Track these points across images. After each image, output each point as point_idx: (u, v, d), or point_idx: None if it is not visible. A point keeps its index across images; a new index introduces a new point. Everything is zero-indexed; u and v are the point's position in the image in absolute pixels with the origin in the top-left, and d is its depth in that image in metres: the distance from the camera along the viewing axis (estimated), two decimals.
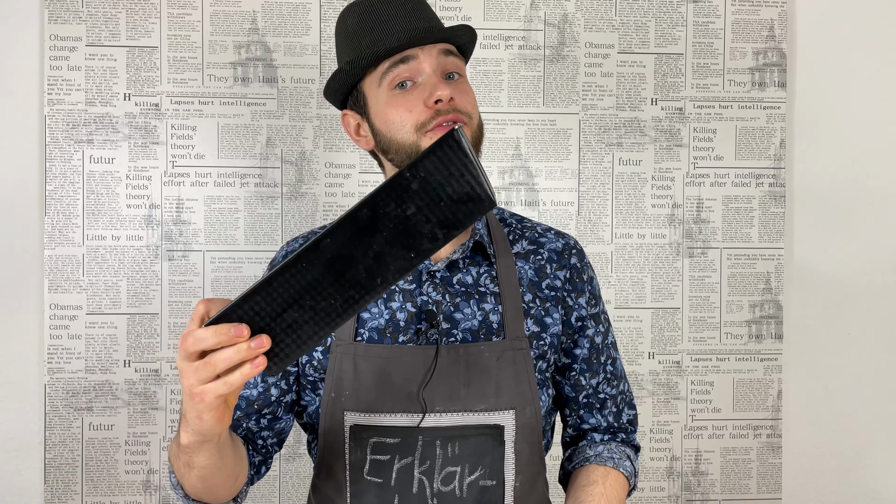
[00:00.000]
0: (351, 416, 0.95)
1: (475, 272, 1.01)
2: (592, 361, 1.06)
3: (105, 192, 1.62)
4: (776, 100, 1.73)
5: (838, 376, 1.76)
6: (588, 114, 1.71)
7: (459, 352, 0.96)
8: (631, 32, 1.71)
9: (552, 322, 1.02)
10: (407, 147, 0.94)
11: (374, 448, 0.94)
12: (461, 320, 0.98)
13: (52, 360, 1.60)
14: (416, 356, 0.95)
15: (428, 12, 0.98)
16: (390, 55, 0.93)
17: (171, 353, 1.62)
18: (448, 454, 0.93)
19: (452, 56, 0.96)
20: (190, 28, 1.63)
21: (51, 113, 1.60)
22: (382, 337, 0.97)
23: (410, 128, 0.93)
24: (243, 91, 1.64)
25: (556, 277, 1.04)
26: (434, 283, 0.99)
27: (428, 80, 0.93)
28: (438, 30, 0.94)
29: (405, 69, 0.93)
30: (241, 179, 1.64)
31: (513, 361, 0.97)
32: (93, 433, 1.61)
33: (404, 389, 0.94)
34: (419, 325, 0.97)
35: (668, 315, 1.72)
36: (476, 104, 0.98)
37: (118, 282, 1.62)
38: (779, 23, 1.73)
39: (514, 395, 0.96)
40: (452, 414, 0.94)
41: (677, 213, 1.72)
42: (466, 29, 0.97)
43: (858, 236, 1.76)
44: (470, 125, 0.94)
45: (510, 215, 1.11)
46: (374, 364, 0.95)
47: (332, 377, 0.96)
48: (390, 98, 0.94)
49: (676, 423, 1.72)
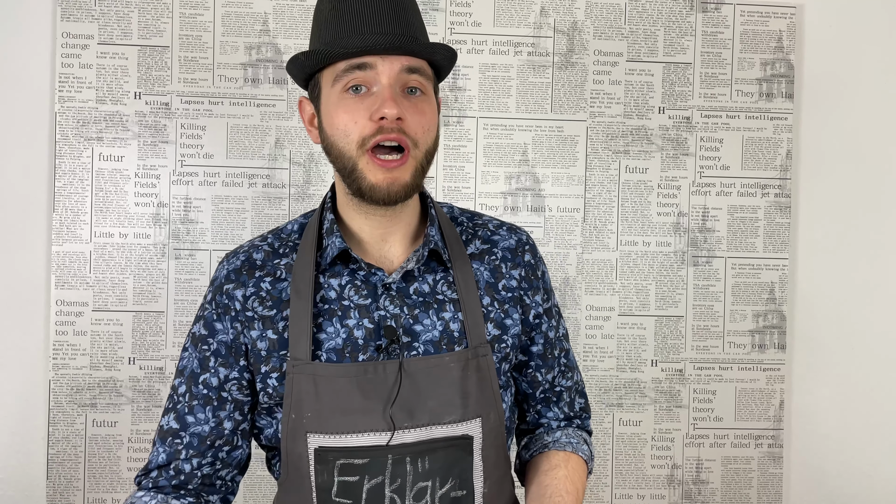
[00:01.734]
0: (315, 439, 0.90)
1: (431, 280, 0.97)
2: (547, 357, 1.05)
3: (113, 190, 1.62)
4: (783, 111, 1.74)
5: (841, 387, 1.76)
6: (595, 121, 1.71)
7: (424, 364, 0.92)
8: (640, 41, 1.72)
9: (512, 323, 1.00)
10: (346, 159, 0.89)
11: (342, 470, 0.90)
12: (421, 332, 0.94)
13: (57, 355, 1.61)
14: (378, 373, 0.91)
15: (408, 17, 0.91)
16: (348, 58, 0.87)
17: (175, 350, 1.63)
18: (419, 469, 0.91)
19: (417, 74, 0.90)
20: (201, 28, 1.64)
21: (61, 110, 1.61)
22: (341, 357, 0.92)
23: (353, 140, 0.88)
24: (253, 92, 1.65)
25: (512, 277, 1.01)
26: (390, 295, 0.95)
27: (380, 92, 0.87)
28: (406, 42, 0.88)
29: (361, 76, 0.88)
30: (248, 179, 1.65)
31: (477, 369, 0.94)
32: (96, 429, 1.62)
33: (370, 408, 0.90)
34: (378, 342, 0.93)
35: (672, 323, 1.72)
36: (432, 126, 0.92)
37: (125, 279, 1.62)
38: (787, 34, 1.74)
39: (479, 403, 0.94)
40: (420, 428, 0.91)
41: (683, 222, 1.73)
42: (440, 48, 0.91)
43: (863, 248, 1.76)
44: (414, 154, 0.89)
45: (460, 212, 1.07)
46: (336, 384, 0.90)
47: (290, 399, 0.91)
48: (340, 100, 0.89)
49: (678, 430, 1.73)
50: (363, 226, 0.96)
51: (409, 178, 0.90)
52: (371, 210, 0.94)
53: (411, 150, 0.89)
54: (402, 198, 0.91)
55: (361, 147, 0.88)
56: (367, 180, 0.89)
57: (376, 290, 0.95)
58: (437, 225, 0.99)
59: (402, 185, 0.89)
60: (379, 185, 0.88)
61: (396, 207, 0.94)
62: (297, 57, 0.91)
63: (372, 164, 0.88)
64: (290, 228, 1.01)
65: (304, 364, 0.91)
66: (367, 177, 0.89)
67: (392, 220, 0.96)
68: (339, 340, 0.93)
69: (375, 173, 0.88)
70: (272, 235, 1.01)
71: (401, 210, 0.96)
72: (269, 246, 1.00)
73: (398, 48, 0.87)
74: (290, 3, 1.65)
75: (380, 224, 0.96)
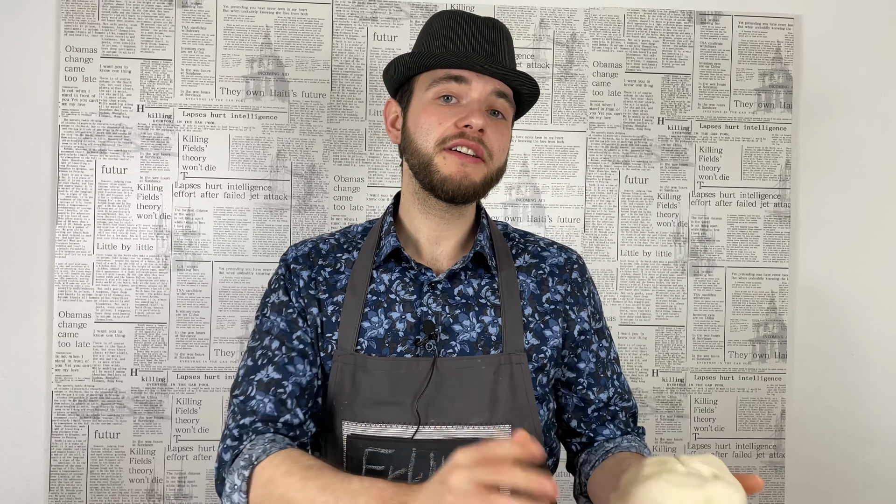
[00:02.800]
0: (348, 426, 0.96)
1: (476, 284, 1.02)
2: (600, 376, 1.07)
3: (116, 202, 1.63)
4: (782, 121, 1.75)
5: (842, 396, 1.76)
6: (595, 132, 1.72)
7: (456, 364, 0.96)
8: (639, 52, 1.73)
9: (552, 335, 1.02)
10: (422, 154, 0.96)
11: (370, 458, 0.94)
12: (460, 332, 0.98)
13: (59, 367, 1.61)
14: (411, 368, 0.95)
15: (506, 51, 1.00)
16: (450, 67, 0.96)
17: (177, 362, 1.63)
18: (441, 467, 0.93)
19: (503, 99, 0.98)
20: (204, 42, 1.65)
21: (65, 123, 1.62)
22: (381, 347, 0.97)
23: (433, 138, 0.95)
24: (255, 104, 1.66)
25: (557, 291, 1.05)
26: (435, 294, 1.00)
27: (470, 104, 0.96)
28: (503, 66, 0.96)
29: (455, 86, 0.96)
30: (250, 191, 1.66)
31: (510, 376, 0.97)
32: (98, 441, 1.62)
33: (399, 401, 0.94)
34: (417, 336, 0.98)
35: (673, 333, 1.73)
36: (506, 148, 1.00)
37: (127, 291, 1.63)
38: (785, 45, 1.75)
39: (510, 411, 0.96)
40: (447, 426, 0.94)
41: (683, 232, 1.73)
42: (530, 80, 0.99)
43: (863, 257, 1.77)
44: (488, 165, 0.97)
45: (513, 230, 1.12)
46: (372, 375, 0.96)
47: (332, 385, 0.97)
48: (430, 105, 0.97)
49: (679, 440, 1.73)
50: (421, 226, 1.03)
51: (478, 180, 0.96)
52: (433, 209, 1.00)
53: (486, 160, 0.96)
54: (469, 196, 0.97)
55: (440, 145, 0.95)
56: (441, 173, 0.95)
57: (422, 288, 1.00)
58: (487, 234, 1.04)
59: (472, 183, 0.95)
60: (452, 177, 0.95)
61: (455, 210, 1.00)
62: (401, 58, 0.99)
63: (449, 158, 0.95)
64: (356, 230, 1.09)
65: (348, 355, 0.97)
66: (441, 170, 0.95)
67: (448, 223, 1.02)
68: (381, 330, 0.98)
69: (450, 165, 0.95)
70: (339, 233, 1.09)
71: (459, 215, 1.02)
72: (336, 241, 1.07)
73: (495, 70, 0.95)
74: (292, 17, 1.67)
75: (437, 226, 1.02)
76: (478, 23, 0.99)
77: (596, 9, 1.72)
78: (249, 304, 1.65)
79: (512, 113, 1.02)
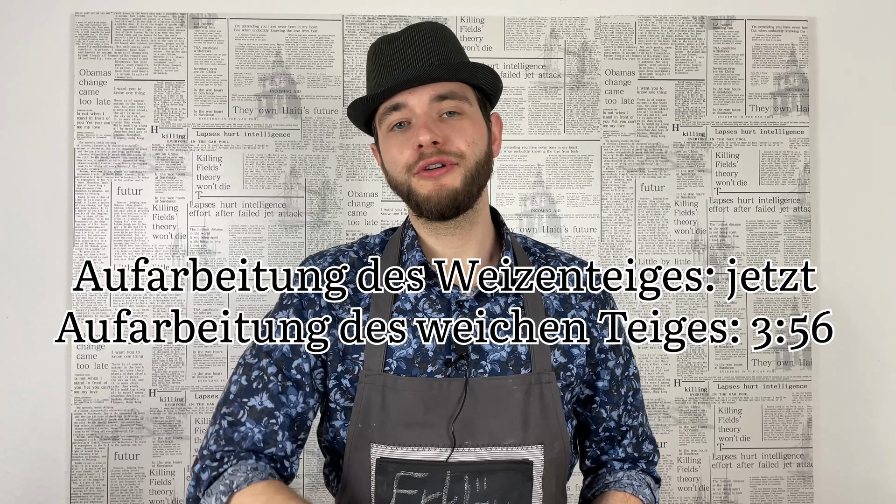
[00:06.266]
0: (377, 449, 0.94)
1: (503, 301, 1.01)
2: (613, 393, 1.06)
3: (132, 223, 1.64)
4: (799, 124, 1.72)
5: (869, 402, 1.72)
6: (609, 140, 1.71)
7: (488, 385, 0.95)
8: (651, 59, 1.72)
9: (578, 353, 1.02)
10: (400, 185, 0.97)
11: (401, 482, 0.92)
12: (490, 351, 0.98)
13: (78, 389, 1.61)
14: (444, 389, 0.94)
15: (436, 48, 0.96)
16: (382, 101, 0.97)
17: (195, 381, 1.63)
18: (476, 489, 0.92)
19: (448, 99, 0.95)
20: (216, 61, 1.66)
21: (80, 146, 1.63)
22: (411, 367, 0.96)
23: (401, 168, 0.96)
24: (268, 122, 1.66)
25: (582, 308, 1.05)
26: (463, 312, 0.99)
27: (416, 122, 0.94)
28: (424, 72, 0.93)
29: (398, 114, 0.96)
30: (265, 209, 1.66)
31: (540, 395, 0.96)
32: (118, 462, 1.62)
33: (433, 423, 0.93)
34: (448, 356, 0.96)
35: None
36: (478, 139, 0.97)
37: (143, 310, 1.63)
38: (800, 47, 1.73)
39: (542, 430, 0.95)
40: (480, 448, 0.93)
41: (701, 239, 1.71)
42: (463, 68, 0.96)
43: (885, 260, 1.73)
44: (462, 164, 0.94)
45: (533, 244, 1.11)
46: (402, 396, 0.94)
47: (359, 407, 0.95)
48: (388, 138, 0.98)
49: (704, 451, 1.69)
50: (435, 246, 1.01)
51: (458, 185, 0.94)
52: (439, 230, 0.99)
53: (458, 162, 0.94)
54: (452, 203, 0.94)
55: (408, 172, 0.95)
56: (421, 194, 0.95)
57: (450, 307, 0.99)
58: (511, 251, 1.03)
59: (450, 190, 0.94)
60: (430, 195, 0.94)
61: (460, 224, 0.98)
62: (347, 111, 1.01)
63: (420, 180, 0.94)
64: (373, 241, 1.07)
65: (376, 376, 0.95)
66: (419, 192, 0.95)
67: (462, 240, 1.00)
68: (409, 350, 0.97)
69: (426, 186, 0.94)
70: (357, 244, 1.07)
71: (469, 228, 1.00)
72: (355, 253, 1.05)
73: (422, 79, 0.94)
74: (303, 35, 1.67)
75: (450, 243, 1.01)
76: (404, 38, 0.96)
77: (607, 17, 1.71)
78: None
79: (471, 103, 0.98)
